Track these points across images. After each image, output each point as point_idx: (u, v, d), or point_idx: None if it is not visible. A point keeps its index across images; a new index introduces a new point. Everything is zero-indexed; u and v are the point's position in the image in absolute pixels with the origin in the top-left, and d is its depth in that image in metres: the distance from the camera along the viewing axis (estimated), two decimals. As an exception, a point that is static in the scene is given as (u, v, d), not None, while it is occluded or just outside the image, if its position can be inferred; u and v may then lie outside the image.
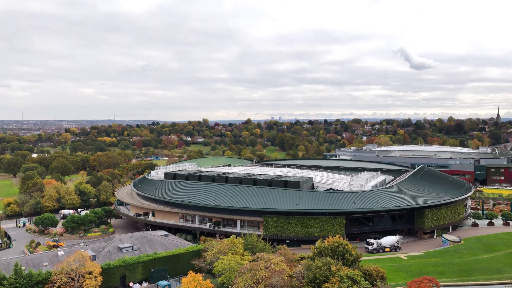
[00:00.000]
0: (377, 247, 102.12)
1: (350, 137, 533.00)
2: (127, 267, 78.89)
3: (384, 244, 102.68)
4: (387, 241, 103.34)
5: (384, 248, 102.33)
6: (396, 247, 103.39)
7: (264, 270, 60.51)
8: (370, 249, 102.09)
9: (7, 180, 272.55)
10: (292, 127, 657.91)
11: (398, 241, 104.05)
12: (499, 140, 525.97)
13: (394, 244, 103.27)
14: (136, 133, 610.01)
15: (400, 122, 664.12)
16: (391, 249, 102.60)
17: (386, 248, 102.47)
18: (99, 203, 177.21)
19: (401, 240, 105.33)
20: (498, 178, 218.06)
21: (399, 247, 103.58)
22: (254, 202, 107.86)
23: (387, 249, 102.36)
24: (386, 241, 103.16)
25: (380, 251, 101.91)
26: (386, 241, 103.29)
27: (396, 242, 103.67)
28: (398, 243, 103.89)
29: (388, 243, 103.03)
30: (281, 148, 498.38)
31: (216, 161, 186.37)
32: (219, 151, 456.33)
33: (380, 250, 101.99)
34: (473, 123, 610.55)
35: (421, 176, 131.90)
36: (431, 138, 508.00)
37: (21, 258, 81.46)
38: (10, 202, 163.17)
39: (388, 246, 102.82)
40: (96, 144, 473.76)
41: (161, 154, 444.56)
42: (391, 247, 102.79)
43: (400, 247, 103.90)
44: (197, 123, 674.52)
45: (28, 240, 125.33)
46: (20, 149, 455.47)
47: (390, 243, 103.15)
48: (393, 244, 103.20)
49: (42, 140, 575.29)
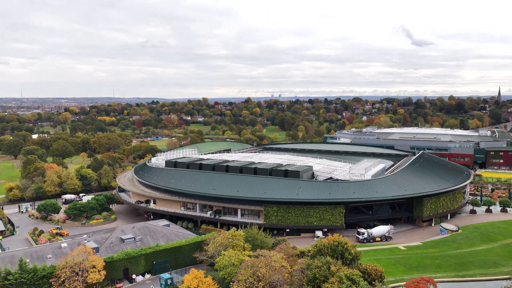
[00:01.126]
0: (367, 237, 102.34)
1: (350, 116, 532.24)
2: (129, 260, 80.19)
3: (375, 234, 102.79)
4: (378, 231, 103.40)
5: (374, 238, 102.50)
6: (387, 237, 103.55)
7: (264, 267, 61.60)
8: (360, 239, 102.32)
9: (8, 162, 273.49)
10: (292, 106, 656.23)
11: (389, 231, 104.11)
12: (499, 119, 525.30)
13: (385, 234, 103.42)
14: (136, 112, 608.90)
15: (400, 101, 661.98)
16: (381, 239, 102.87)
17: (376, 238, 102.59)
18: (100, 187, 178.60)
19: (392, 230, 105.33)
20: (497, 161, 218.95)
21: (390, 237, 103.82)
22: (255, 191, 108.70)
23: (377, 239, 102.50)
24: (377, 231, 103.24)
25: (370, 240, 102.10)
26: (377, 231, 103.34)
27: (387, 232, 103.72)
28: (389, 233, 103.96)
29: (379, 233, 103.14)
30: (281, 127, 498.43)
31: (216, 145, 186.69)
32: (219, 131, 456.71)
33: (371, 240, 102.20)
34: (474, 102, 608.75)
35: (420, 164, 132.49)
36: (431, 117, 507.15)
37: (25, 251, 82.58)
38: (12, 187, 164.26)
39: (379, 236, 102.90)
40: (96, 124, 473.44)
41: (161, 134, 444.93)
42: (381, 237, 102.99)
43: (391, 237, 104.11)
44: (196, 102, 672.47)
45: (31, 227, 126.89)
46: (20, 129, 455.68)
47: (381, 233, 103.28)
48: (384, 234, 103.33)
49: (41, 119, 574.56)
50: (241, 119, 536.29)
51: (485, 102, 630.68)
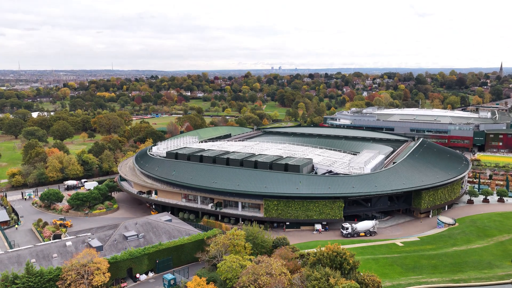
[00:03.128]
0: (351, 232, 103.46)
1: (350, 92, 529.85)
2: (133, 260, 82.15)
3: (360, 229, 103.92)
4: (363, 226, 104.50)
5: (359, 233, 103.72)
6: (372, 232, 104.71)
7: (265, 275, 63.36)
8: (344, 234, 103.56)
9: (9, 143, 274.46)
10: (292, 80, 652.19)
11: (374, 226, 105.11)
12: (500, 96, 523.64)
13: (369, 229, 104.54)
14: (135, 87, 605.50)
15: (401, 75, 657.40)
16: (366, 234, 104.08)
17: (361, 233, 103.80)
18: (102, 172, 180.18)
19: (377, 225, 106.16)
20: (497, 144, 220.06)
21: (374, 232, 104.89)
22: (255, 185, 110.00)
23: (362, 234, 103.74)
24: (362, 226, 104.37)
25: (354, 235, 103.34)
26: (362, 226, 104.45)
27: (372, 227, 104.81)
28: (374, 228, 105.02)
29: (364, 228, 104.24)
30: (281, 103, 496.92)
31: (217, 131, 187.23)
32: (219, 108, 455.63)
33: (355, 235, 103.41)
34: (475, 78, 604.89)
35: (420, 154, 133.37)
36: (432, 93, 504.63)
37: (31, 250, 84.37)
38: (14, 173, 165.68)
39: (364, 231, 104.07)
40: (96, 100, 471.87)
41: (161, 111, 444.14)
42: (366, 232, 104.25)
43: (375, 232, 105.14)
44: (196, 76, 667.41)
45: (35, 216, 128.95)
46: (19, 105, 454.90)
47: (365, 228, 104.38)
48: (368, 229, 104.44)
49: (40, 95, 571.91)
50: (241, 95, 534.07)
51: (487, 78, 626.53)
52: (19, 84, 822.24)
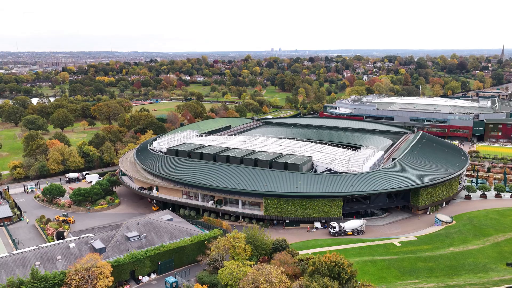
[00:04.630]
0: (339, 231, 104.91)
1: (351, 77, 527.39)
2: (136, 263, 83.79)
3: (347, 228, 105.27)
4: (350, 225, 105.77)
5: (346, 232, 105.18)
6: (360, 231, 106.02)
7: (265, 283, 64.99)
8: (332, 232, 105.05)
9: (9, 131, 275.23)
10: (292, 64, 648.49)
11: (362, 225, 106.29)
12: (501, 80, 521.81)
13: (357, 228, 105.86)
14: (135, 71, 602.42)
15: (402, 59, 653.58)
16: (353, 233, 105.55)
17: (348, 232, 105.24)
18: (103, 163, 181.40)
19: (364, 224, 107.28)
20: (496, 134, 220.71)
21: (362, 231, 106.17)
22: (255, 184, 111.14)
23: (349, 233, 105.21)
24: (349, 226, 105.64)
25: (342, 234, 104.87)
26: (349, 225, 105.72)
27: (360, 226, 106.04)
28: (361, 227, 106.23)
29: (351, 227, 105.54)
30: (281, 88, 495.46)
31: (217, 122, 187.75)
32: (219, 93, 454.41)
33: (342, 234, 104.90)
34: (476, 61, 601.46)
35: (419, 150, 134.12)
36: (432, 78, 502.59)
37: (35, 252, 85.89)
38: (16, 165, 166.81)
39: (351, 230, 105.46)
40: (95, 85, 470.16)
41: (160, 97, 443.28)
42: (353, 231, 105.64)
43: (363, 231, 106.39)
44: (195, 60, 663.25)
45: (37, 211, 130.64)
46: (18, 90, 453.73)
47: (353, 227, 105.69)
48: (356, 228, 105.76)
49: (39, 79, 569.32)
50: (241, 79, 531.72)
51: (488, 61, 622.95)
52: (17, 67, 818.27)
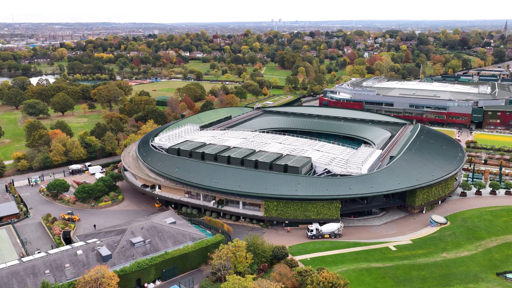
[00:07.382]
0: (316, 234, 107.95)
1: (351, 54, 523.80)
2: (141, 271, 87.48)
3: (324, 231, 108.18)
4: (328, 228, 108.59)
5: (323, 235, 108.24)
6: (337, 234, 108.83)
7: (265, 300, 68.65)
8: (309, 235, 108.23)
9: (10, 114, 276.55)
10: (292, 39, 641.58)
11: (339, 229, 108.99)
12: (503, 58, 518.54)
13: (334, 232, 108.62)
14: (133, 47, 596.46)
15: (404, 34, 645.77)
16: (330, 236, 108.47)
17: (325, 235, 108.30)
18: (105, 153, 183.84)
19: (341, 228, 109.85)
20: (494, 121, 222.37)
21: (339, 234, 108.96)
22: (255, 186, 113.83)
23: (326, 236, 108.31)
24: (327, 229, 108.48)
25: (319, 237, 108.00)
26: (327, 228, 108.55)
27: (337, 230, 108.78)
28: (339, 230, 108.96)
29: (328, 231, 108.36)
30: (281, 65, 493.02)
31: (217, 113, 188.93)
32: (219, 71, 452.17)
33: (320, 237, 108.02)
34: (478, 37, 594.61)
35: (416, 149, 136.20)
36: (433, 55, 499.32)
37: (44, 259, 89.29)
38: (20, 157, 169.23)
39: (328, 233, 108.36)
40: (94, 62, 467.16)
41: (160, 75, 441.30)
42: (331, 234, 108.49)
43: (340, 234, 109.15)
44: (195, 35, 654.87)
45: (43, 207, 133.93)
46: (17, 68, 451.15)
47: (330, 230, 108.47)
48: (333, 231, 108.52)
49: (37, 55, 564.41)
50: (241, 56, 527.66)
51: (491, 37, 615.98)
52: (14, 40, 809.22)
